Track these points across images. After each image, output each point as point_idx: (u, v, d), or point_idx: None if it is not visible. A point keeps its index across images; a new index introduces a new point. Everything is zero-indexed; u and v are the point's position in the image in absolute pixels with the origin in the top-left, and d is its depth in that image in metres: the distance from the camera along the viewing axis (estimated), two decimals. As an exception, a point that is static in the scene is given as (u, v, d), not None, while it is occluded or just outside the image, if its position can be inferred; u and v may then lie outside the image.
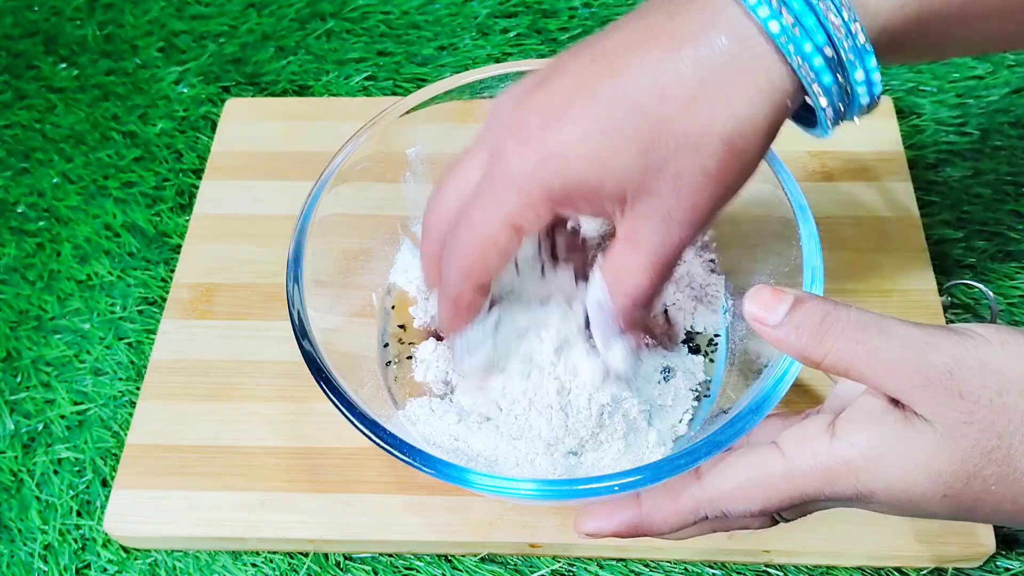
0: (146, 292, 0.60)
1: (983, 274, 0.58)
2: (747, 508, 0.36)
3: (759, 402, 0.39)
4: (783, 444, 0.36)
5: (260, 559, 0.50)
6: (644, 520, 0.38)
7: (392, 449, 0.40)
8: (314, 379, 0.42)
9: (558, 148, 0.36)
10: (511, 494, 0.39)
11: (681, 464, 0.38)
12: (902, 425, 0.34)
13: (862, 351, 0.34)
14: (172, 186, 0.65)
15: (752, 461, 0.36)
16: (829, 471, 0.34)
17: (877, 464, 0.34)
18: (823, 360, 0.35)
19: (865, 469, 0.34)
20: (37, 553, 0.51)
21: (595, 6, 0.73)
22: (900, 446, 0.34)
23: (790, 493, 0.35)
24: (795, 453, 0.35)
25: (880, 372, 0.34)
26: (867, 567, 0.48)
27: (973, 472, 0.33)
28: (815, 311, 0.34)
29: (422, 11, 0.74)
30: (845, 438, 0.34)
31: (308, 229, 0.47)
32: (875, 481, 0.34)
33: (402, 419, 0.47)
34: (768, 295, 0.35)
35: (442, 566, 0.49)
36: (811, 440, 0.35)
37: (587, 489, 0.38)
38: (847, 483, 0.34)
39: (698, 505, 0.37)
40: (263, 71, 0.71)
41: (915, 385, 0.33)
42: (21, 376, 0.57)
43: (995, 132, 0.64)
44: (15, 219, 0.64)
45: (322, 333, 0.44)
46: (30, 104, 0.70)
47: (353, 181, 0.50)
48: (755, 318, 0.35)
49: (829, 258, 0.56)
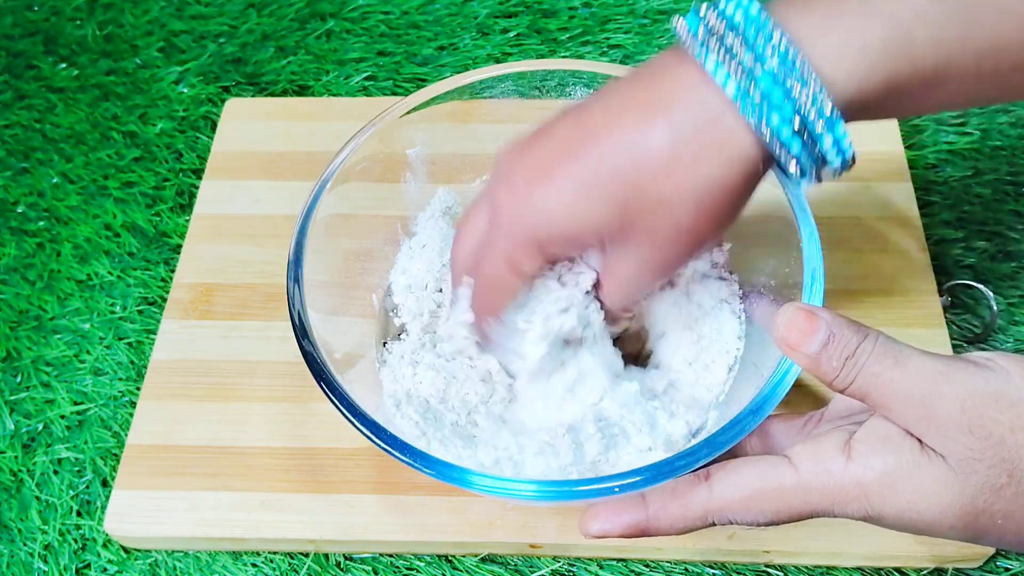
0: (146, 292, 0.60)
1: (983, 274, 0.58)
2: (755, 520, 0.36)
3: (759, 404, 0.39)
4: (796, 459, 0.36)
5: (260, 559, 0.50)
6: (651, 522, 0.38)
7: (392, 449, 0.40)
8: (314, 379, 0.42)
9: (541, 203, 0.39)
10: (511, 495, 0.39)
11: (681, 465, 0.38)
12: (917, 455, 0.34)
13: (878, 382, 0.34)
14: (172, 186, 0.65)
15: (764, 474, 0.36)
16: (842, 491, 0.35)
17: (890, 490, 0.34)
18: (847, 388, 0.35)
19: (878, 493, 0.34)
20: (37, 553, 0.51)
21: (595, 6, 0.73)
22: (914, 475, 0.34)
23: (800, 509, 0.36)
24: (808, 470, 0.35)
25: (892, 402, 0.34)
26: (867, 567, 0.48)
27: (983, 508, 0.33)
28: (850, 343, 0.35)
29: (422, 11, 0.74)
30: (861, 461, 0.35)
31: (309, 229, 0.47)
32: (886, 506, 0.34)
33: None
34: (803, 322, 0.35)
35: (442, 566, 0.49)
36: (826, 458, 0.35)
37: (587, 491, 0.38)
38: (858, 504, 0.35)
39: (707, 513, 0.37)
40: (263, 71, 0.71)
41: (921, 418, 0.34)
42: (21, 376, 0.57)
43: (995, 132, 0.64)
44: (15, 219, 0.64)
45: (322, 333, 0.44)
46: (30, 104, 0.70)
47: (353, 181, 0.50)
48: (790, 344, 0.36)
49: (829, 258, 0.56)
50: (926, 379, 0.34)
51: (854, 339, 0.35)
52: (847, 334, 0.35)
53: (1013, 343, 0.55)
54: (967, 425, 0.33)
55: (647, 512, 0.38)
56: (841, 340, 0.35)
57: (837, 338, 0.35)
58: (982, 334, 0.55)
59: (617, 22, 0.72)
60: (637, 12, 0.73)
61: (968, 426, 0.33)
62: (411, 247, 0.53)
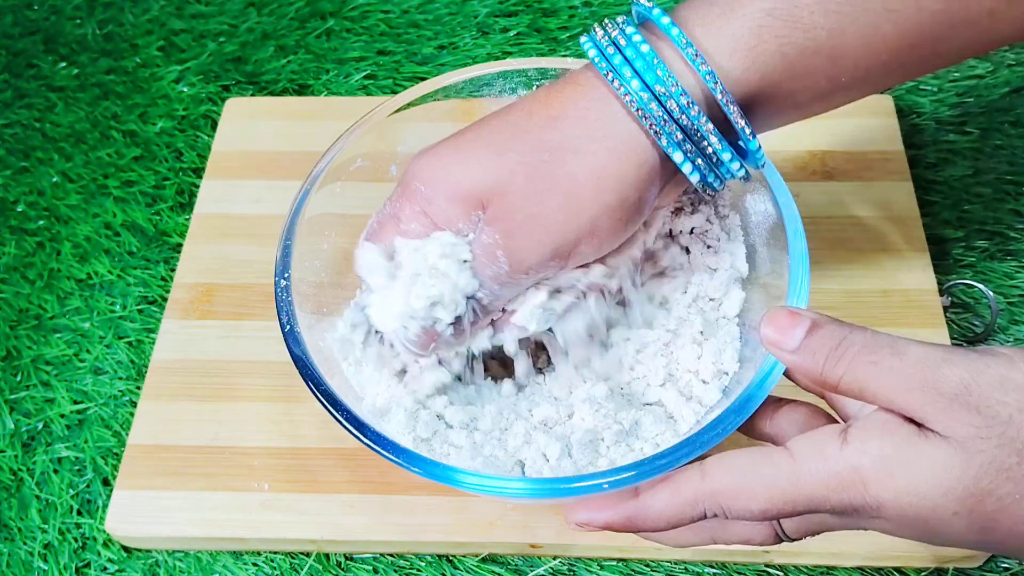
0: (146, 291, 0.60)
1: (983, 274, 0.58)
2: (747, 506, 0.35)
3: (742, 402, 0.39)
4: (793, 447, 0.35)
5: (261, 559, 0.50)
6: (639, 511, 0.37)
7: (379, 448, 0.40)
8: (301, 378, 0.43)
9: (430, 164, 0.42)
10: (498, 492, 0.39)
11: (664, 464, 0.38)
12: (916, 436, 0.33)
13: (875, 371, 0.34)
14: (172, 185, 0.65)
15: (759, 459, 0.35)
16: (837, 476, 0.34)
17: (888, 474, 0.33)
18: (838, 384, 0.35)
19: (875, 478, 0.33)
20: (37, 552, 0.51)
21: (595, 5, 0.73)
22: (912, 456, 0.33)
23: (794, 496, 0.35)
24: (805, 456, 0.35)
25: (893, 391, 0.33)
26: (867, 567, 0.48)
27: (988, 489, 0.32)
28: (832, 335, 0.35)
29: (422, 10, 0.74)
30: (857, 445, 0.34)
31: (296, 228, 0.47)
32: (884, 491, 0.33)
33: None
34: (784, 318, 0.35)
35: (443, 566, 0.49)
36: (822, 444, 0.35)
37: (575, 488, 0.38)
38: (855, 491, 0.34)
39: (697, 497, 0.36)
40: (263, 70, 0.71)
41: (927, 400, 0.33)
42: (21, 375, 0.57)
43: (995, 131, 0.64)
44: (15, 218, 0.64)
45: (309, 333, 0.45)
46: (30, 103, 0.70)
47: (343, 180, 0.50)
48: (771, 342, 0.36)
49: (829, 258, 0.57)
50: (928, 365, 0.33)
51: (837, 332, 0.35)
52: (830, 328, 0.35)
53: (1013, 343, 0.55)
54: (974, 405, 0.32)
55: (637, 500, 0.37)
56: (823, 333, 0.35)
57: (819, 332, 0.35)
58: (982, 334, 0.55)
59: (617, 21, 0.72)
60: (637, 11, 0.73)
61: (975, 405, 0.32)
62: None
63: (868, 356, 0.34)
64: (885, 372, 0.34)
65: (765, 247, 0.47)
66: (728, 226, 0.49)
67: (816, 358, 0.35)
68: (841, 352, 0.34)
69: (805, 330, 0.35)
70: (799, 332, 0.35)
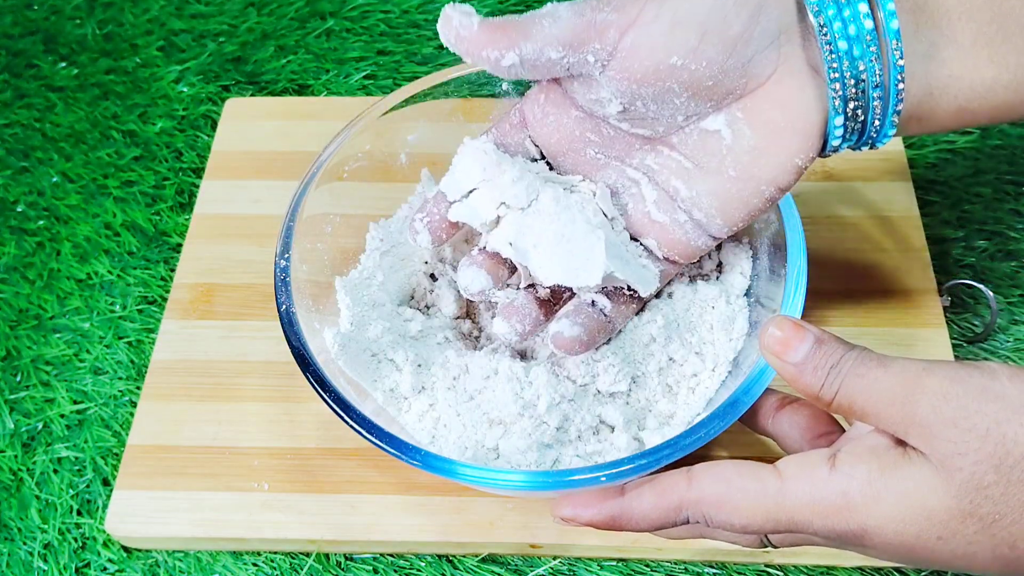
0: (146, 291, 0.60)
1: (983, 274, 0.58)
2: (729, 519, 0.36)
3: (726, 407, 0.40)
4: (782, 466, 0.36)
5: (261, 559, 0.50)
6: (623, 511, 0.37)
7: (378, 440, 0.40)
8: (301, 371, 0.43)
9: None
10: (497, 485, 0.39)
11: (644, 465, 0.38)
12: (900, 458, 0.33)
13: (862, 384, 0.34)
14: (172, 185, 0.65)
15: (747, 473, 0.36)
16: (823, 501, 0.34)
17: (874, 500, 0.33)
18: (833, 399, 0.35)
19: (862, 504, 0.33)
20: (37, 552, 0.51)
21: (595, 5, 0.73)
22: (896, 481, 0.33)
23: (777, 516, 0.35)
24: (792, 477, 0.35)
25: (877, 403, 0.34)
26: (867, 567, 0.48)
27: (968, 510, 0.32)
28: (834, 352, 0.35)
29: (422, 10, 0.74)
30: (845, 469, 0.34)
31: (296, 227, 0.47)
32: (869, 518, 0.33)
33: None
34: (790, 329, 0.35)
35: (443, 566, 0.49)
36: (810, 468, 0.35)
37: (572, 480, 0.38)
38: (839, 518, 0.34)
39: (682, 503, 0.36)
40: (263, 70, 0.71)
41: (905, 415, 0.33)
42: (21, 375, 0.57)
43: (995, 131, 0.64)
44: (15, 218, 0.64)
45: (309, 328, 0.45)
46: (30, 103, 0.70)
47: (340, 179, 0.50)
48: (774, 352, 0.35)
49: (829, 258, 0.57)
50: (909, 376, 0.33)
51: (840, 348, 0.35)
52: (834, 344, 0.35)
53: (1013, 343, 0.55)
54: (951, 417, 0.32)
55: (622, 500, 0.37)
56: (827, 349, 0.35)
57: (823, 347, 0.35)
58: (982, 334, 0.55)
59: (617, 21, 0.72)
60: (637, 11, 0.73)
61: (952, 418, 0.32)
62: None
63: (857, 369, 0.34)
64: (870, 384, 0.34)
65: (767, 255, 0.47)
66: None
67: (818, 374, 0.35)
68: (839, 369, 0.34)
69: (810, 344, 0.35)
70: (804, 346, 0.35)
